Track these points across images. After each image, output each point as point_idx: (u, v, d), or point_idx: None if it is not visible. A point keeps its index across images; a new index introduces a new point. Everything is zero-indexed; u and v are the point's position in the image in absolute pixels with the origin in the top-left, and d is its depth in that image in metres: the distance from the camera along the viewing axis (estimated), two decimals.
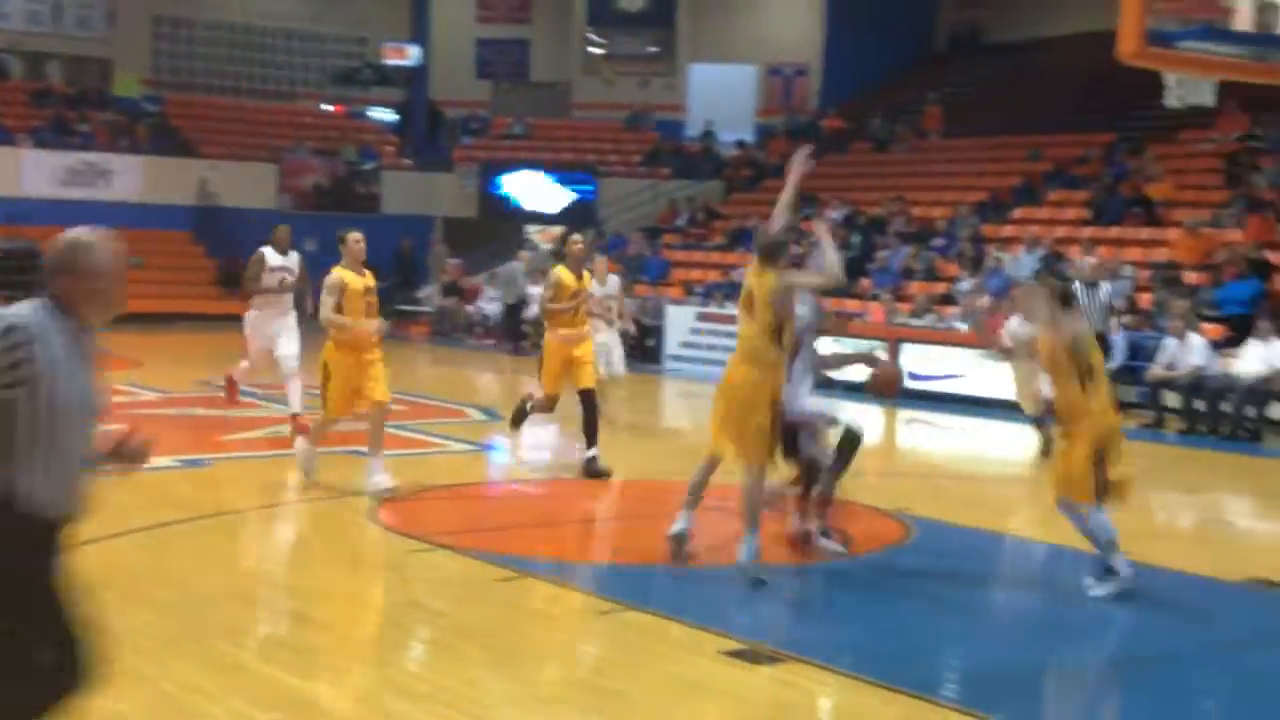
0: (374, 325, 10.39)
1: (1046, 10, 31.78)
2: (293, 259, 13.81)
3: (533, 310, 24.92)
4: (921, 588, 7.96)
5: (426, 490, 10.79)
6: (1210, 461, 13.96)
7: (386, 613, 7.44)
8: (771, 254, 7.92)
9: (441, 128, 35.14)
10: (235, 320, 14.32)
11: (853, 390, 11.35)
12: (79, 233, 4.04)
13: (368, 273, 10.72)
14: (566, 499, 11.32)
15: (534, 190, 31.66)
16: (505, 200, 31.84)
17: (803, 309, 8.25)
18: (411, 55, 35.18)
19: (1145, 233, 21.01)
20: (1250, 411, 15.33)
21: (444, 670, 6.46)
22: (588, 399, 11.82)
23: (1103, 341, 13.77)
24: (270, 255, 13.68)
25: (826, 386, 8.89)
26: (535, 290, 24.98)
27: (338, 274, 10.48)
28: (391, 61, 35.29)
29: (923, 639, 7.29)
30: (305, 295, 13.50)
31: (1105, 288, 15.50)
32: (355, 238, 10.79)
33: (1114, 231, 21.28)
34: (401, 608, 7.60)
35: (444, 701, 5.96)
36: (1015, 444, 14.40)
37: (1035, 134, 26.35)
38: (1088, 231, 21.32)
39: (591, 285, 13.31)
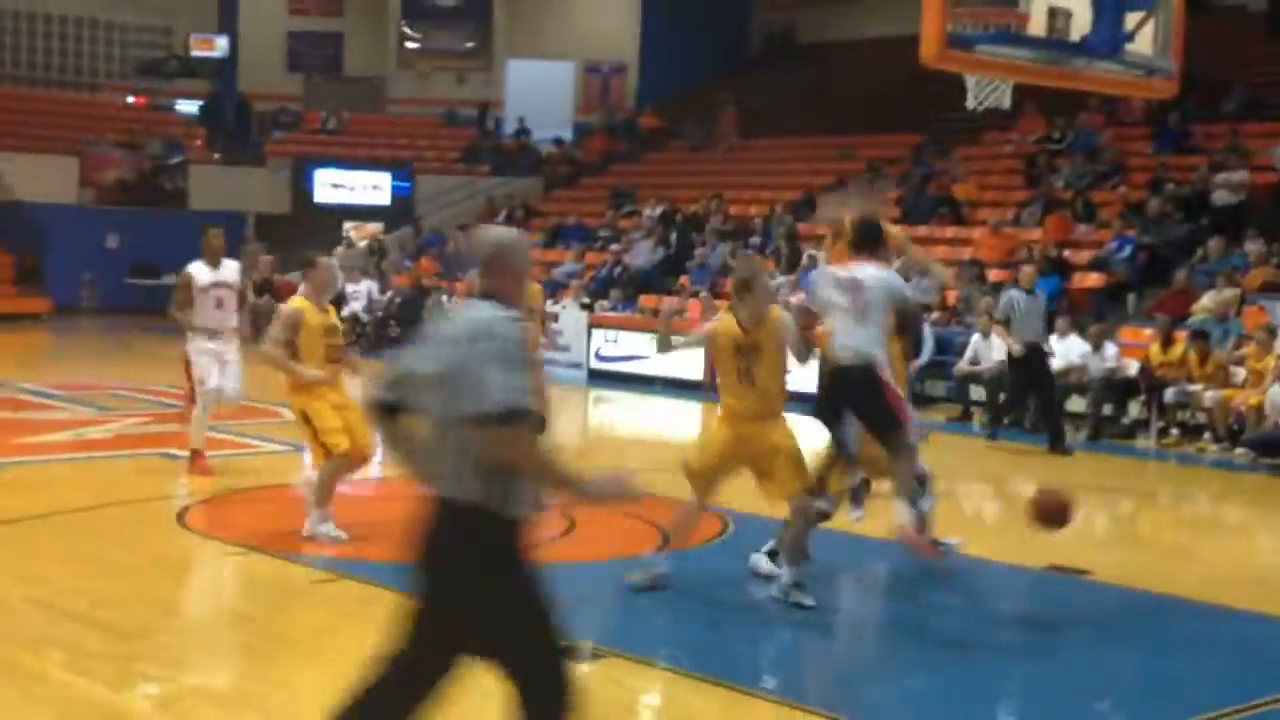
0: (324, 375, 8.78)
1: (857, 13, 32.53)
2: (229, 269, 11.65)
3: (351, 308, 24.57)
4: (738, 581, 8.05)
5: (239, 492, 10.53)
6: (1014, 454, 14.45)
7: (197, 619, 7.24)
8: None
9: (250, 121, 34.31)
10: (34, 319, 13.74)
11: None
12: (506, 231, 4.42)
13: (330, 308, 9.13)
14: (383, 499, 11.16)
15: (349, 186, 31.15)
16: (317, 195, 31.20)
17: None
18: (219, 47, 34.29)
19: (951, 231, 21.65)
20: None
21: (257, 676, 6.32)
22: None
23: (1037, 351, 14.25)
24: (199, 272, 11.51)
25: None
26: (353, 288, 24.64)
27: (298, 306, 8.84)
28: (198, 53, 34.35)
29: (740, 631, 7.39)
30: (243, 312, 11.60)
31: (1041, 294, 15.46)
32: (326, 263, 9.07)
33: (922, 230, 21.85)
34: (213, 613, 7.41)
35: (257, 708, 5.83)
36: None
37: (847, 134, 26.93)
38: (897, 229, 21.81)
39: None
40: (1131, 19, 8.37)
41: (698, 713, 5.97)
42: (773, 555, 7.97)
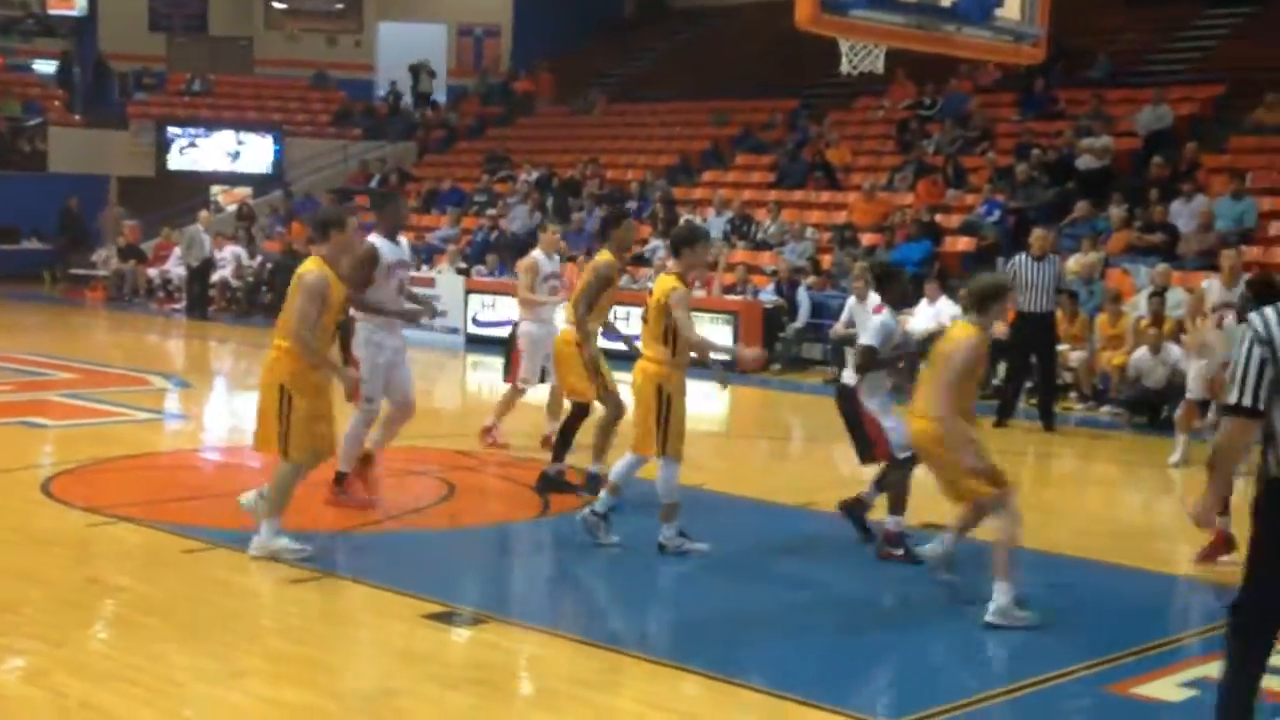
0: (356, 375, 7.98)
1: None
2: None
3: (221, 273, 24.08)
4: (618, 543, 8.07)
5: (106, 461, 10.27)
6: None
7: (63, 590, 7.03)
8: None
9: (111, 82, 33.31)
10: None
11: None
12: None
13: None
14: (256, 467, 10.97)
15: (216, 149, 30.43)
16: (183, 158, 30.43)
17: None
18: (78, 5, 33.21)
19: (826, 196, 21.87)
20: (922, 366, 16.14)
21: (127, 647, 6.17)
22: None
23: (1046, 321, 13.85)
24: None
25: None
26: (220, 255, 24.14)
27: (324, 274, 7.53)
28: (56, 11, 33.23)
29: (616, 593, 7.41)
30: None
31: (1052, 260, 14.87)
32: (354, 223, 7.87)
33: (797, 195, 22.07)
34: (79, 584, 7.21)
35: (128, 679, 5.70)
36: (705, 401, 14.78)
37: (722, 99, 27.02)
38: (773, 194, 22.03)
39: (538, 257, 11.26)
40: None
41: (580, 675, 5.97)
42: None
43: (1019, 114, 22.61)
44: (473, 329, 19.96)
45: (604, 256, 9.43)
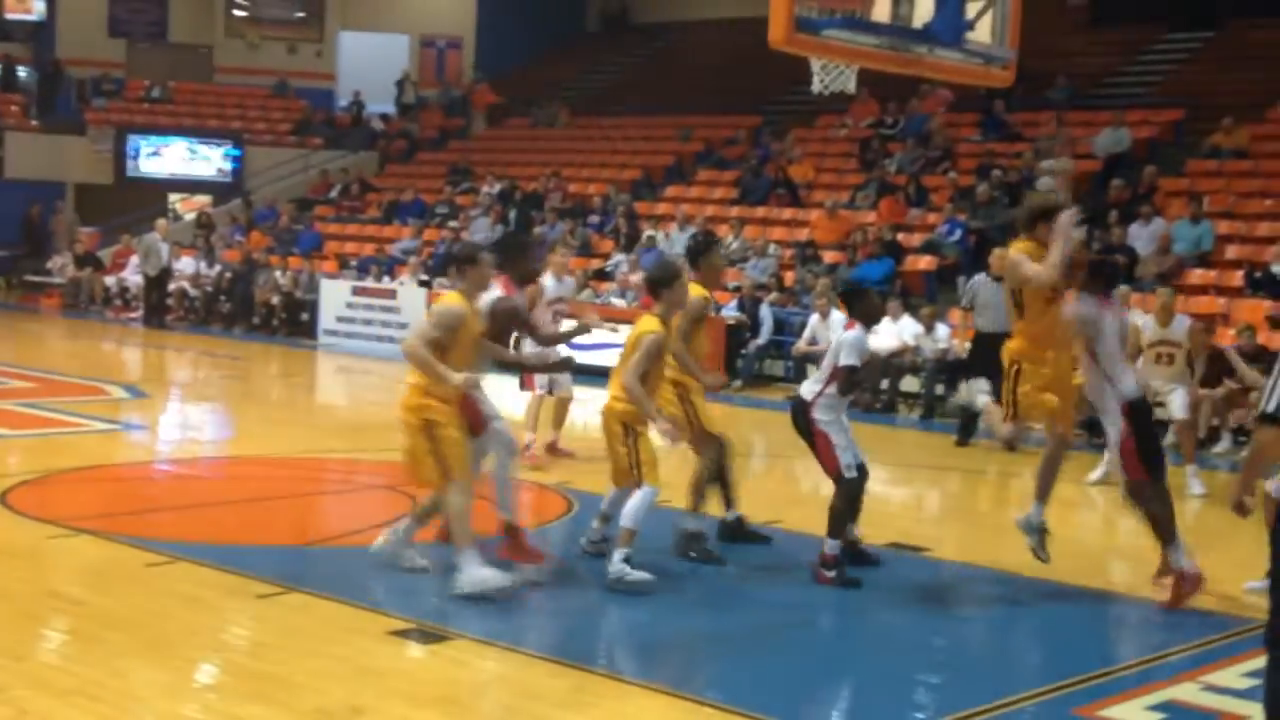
0: (471, 379, 7.39)
1: None
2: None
3: (179, 283, 23.89)
4: (584, 561, 8.03)
5: (64, 473, 10.15)
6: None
7: (21, 603, 6.93)
8: None
9: (68, 88, 32.99)
10: None
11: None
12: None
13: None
14: (218, 479, 10.89)
15: (175, 157, 30.18)
16: (142, 166, 30.16)
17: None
18: (35, 10, 32.90)
19: (788, 213, 21.93)
20: (885, 384, 16.24)
21: (88, 662, 6.08)
22: None
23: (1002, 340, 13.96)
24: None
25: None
26: (179, 267, 23.96)
27: (461, 309, 7.40)
28: (13, 16, 32.90)
29: (586, 612, 7.38)
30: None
31: None
32: (487, 260, 7.67)
33: (760, 211, 22.12)
34: (37, 597, 7.11)
35: (89, 695, 5.62)
36: None
37: (685, 114, 27.07)
38: (735, 210, 22.08)
39: (546, 282, 11.30)
40: (972, 8, 8.54)
41: (546, 693, 5.94)
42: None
43: (980, 135, 22.77)
44: None
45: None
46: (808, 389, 8.15)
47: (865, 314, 8.22)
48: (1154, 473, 7.80)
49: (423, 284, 21.14)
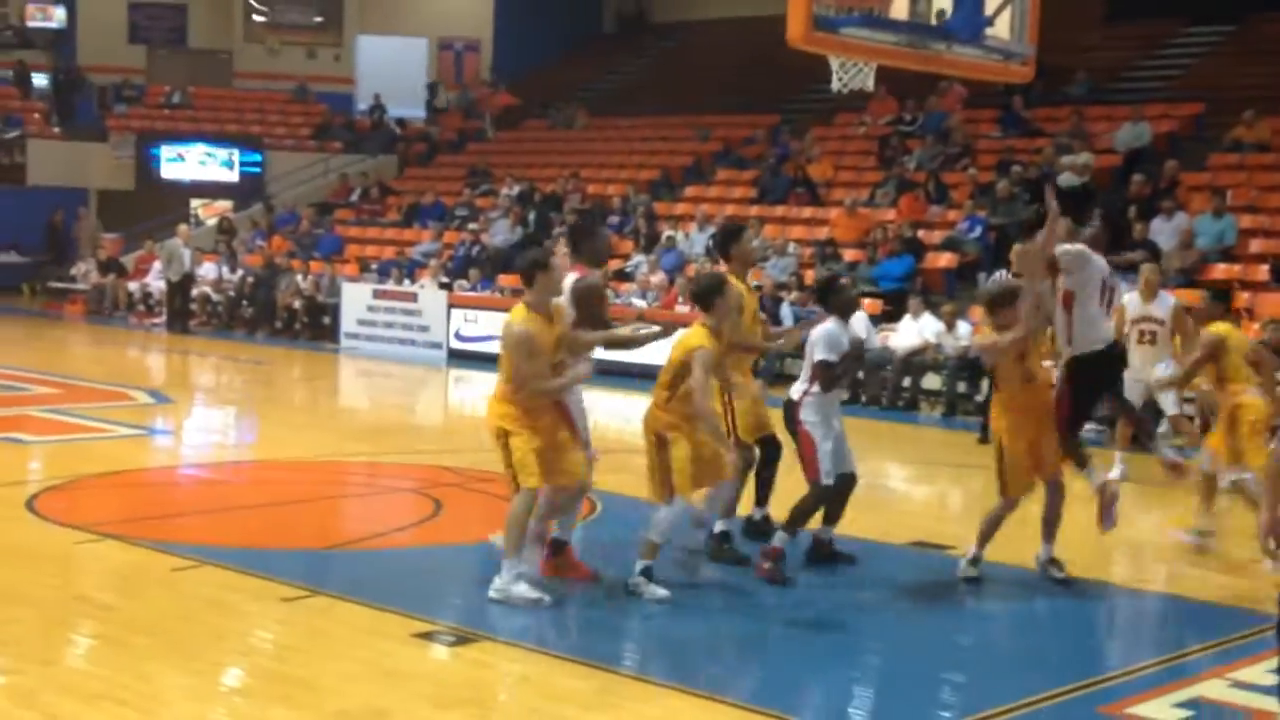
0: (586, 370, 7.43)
1: None
2: None
3: (201, 288, 23.99)
4: (608, 562, 8.04)
5: (90, 478, 10.20)
6: (872, 430, 14.67)
7: (48, 609, 6.97)
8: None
9: (89, 94, 33.18)
10: None
11: None
12: None
13: (559, 314, 7.53)
14: (242, 483, 10.93)
15: (196, 162, 30.32)
16: (163, 172, 30.31)
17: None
18: (56, 17, 33.10)
19: (808, 211, 21.90)
20: (906, 382, 16.21)
21: (115, 666, 6.12)
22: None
23: None
24: None
25: None
26: (201, 272, 24.05)
27: (527, 329, 7.27)
28: (35, 24, 33.10)
29: (611, 613, 7.38)
30: None
31: None
32: (558, 264, 7.64)
33: (779, 210, 22.10)
34: (66, 602, 7.15)
35: (116, 699, 5.66)
36: None
37: (703, 114, 27.06)
38: (755, 210, 22.06)
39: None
40: (990, 4, 8.52)
41: (571, 694, 5.95)
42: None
43: (999, 131, 22.70)
44: (455, 344, 19.92)
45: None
46: (796, 389, 8.06)
47: (839, 307, 8.10)
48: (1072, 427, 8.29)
49: (443, 286, 21.19)
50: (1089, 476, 8.23)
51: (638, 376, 13.01)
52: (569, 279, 7.85)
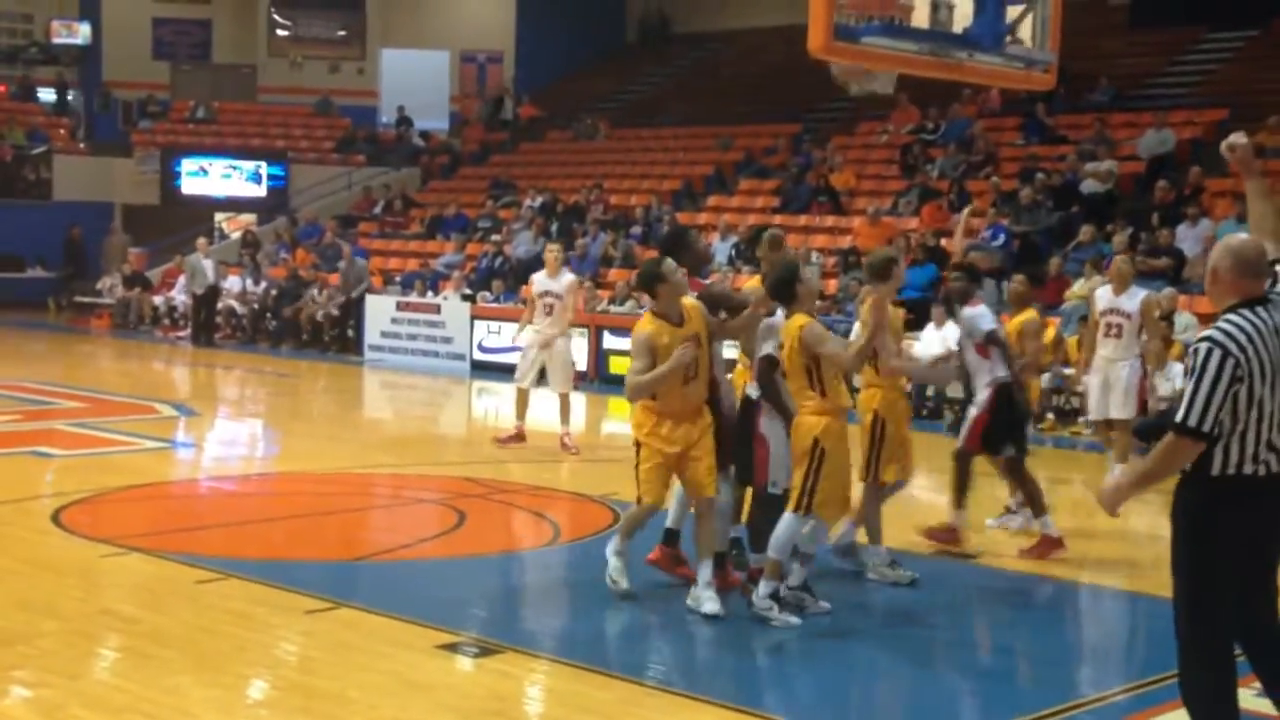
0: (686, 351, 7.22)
1: (729, 4, 32.70)
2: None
3: (226, 301, 24.10)
4: (631, 573, 8.02)
5: (115, 491, 10.25)
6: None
7: (74, 622, 7.00)
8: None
9: (114, 110, 33.41)
10: None
11: None
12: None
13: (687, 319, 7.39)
14: (267, 496, 10.97)
15: (220, 176, 30.48)
16: (187, 186, 30.49)
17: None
18: (81, 33, 33.35)
19: (831, 220, 21.88)
20: (930, 390, 16.15)
21: (141, 679, 6.14)
22: None
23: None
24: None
25: None
26: (225, 285, 24.14)
27: (648, 331, 7.31)
28: (60, 40, 33.36)
29: (633, 624, 7.37)
30: None
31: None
32: (675, 272, 7.53)
33: (802, 219, 22.08)
34: (91, 616, 7.18)
35: (143, 712, 5.68)
36: None
37: (725, 124, 27.07)
38: (777, 219, 22.04)
39: (536, 277, 12.90)
40: (1012, 11, 8.47)
41: (595, 705, 5.94)
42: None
43: (1022, 138, 22.64)
44: (478, 355, 19.95)
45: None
46: (753, 389, 7.66)
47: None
48: (988, 448, 8.91)
49: (466, 298, 21.23)
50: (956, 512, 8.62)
51: None
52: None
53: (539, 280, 12.92)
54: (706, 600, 7.20)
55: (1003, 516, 9.80)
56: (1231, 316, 4.59)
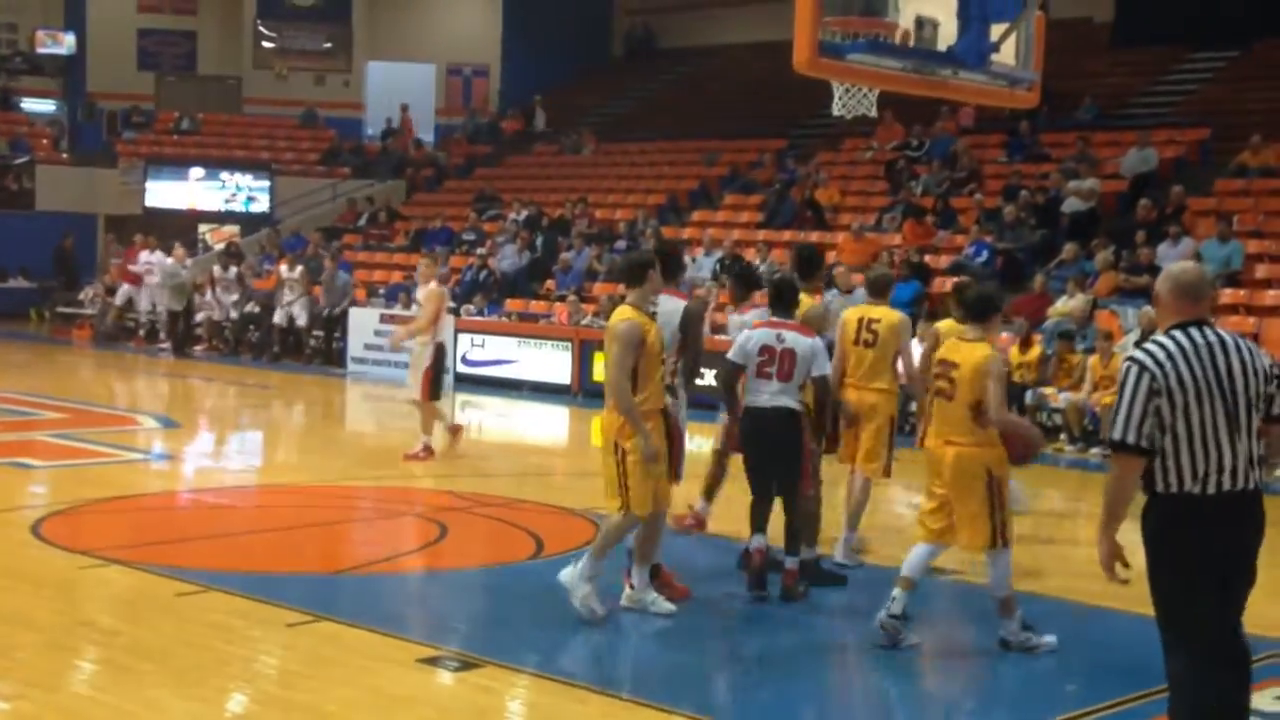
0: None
1: (715, 20, 32.81)
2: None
3: (208, 313, 24.03)
4: (610, 587, 8.01)
5: (96, 503, 10.20)
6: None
7: (53, 634, 6.96)
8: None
9: (99, 120, 33.34)
10: None
11: None
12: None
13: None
14: (248, 508, 10.93)
15: (204, 188, 30.41)
16: (170, 197, 30.41)
17: None
18: (67, 44, 33.30)
19: (815, 236, 21.89)
20: (914, 406, 16.15)
21: (120, 692, 6.11)
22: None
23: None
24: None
25: None
26: (203, 297, 24.08)
27: (636, 320, 7.30)
28: (45, 50, 33.30)
29: (614, 638, 7.36)
30: None
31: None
32: (650, 261, 7.58)
33: (786, 234, 22.11)
34: (69, 628, 7.14)
35: None
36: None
37: (710, 139, 27.13)
38: (762, 234, 22.09)
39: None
40: (996, 30, 8.53)
41: (573, 719, 5.93)
42: None
43: (1006, 156, 22.74)
44: (462, 368, 19.92)
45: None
46: (796, 402, 7.93)
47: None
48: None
49: (450, 310, 21.18)
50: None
51: None
52: (663, 300, 7.74)
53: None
54: (657, 603, 7.37)
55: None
56: (1159, 337, 4.87)
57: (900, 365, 9.01)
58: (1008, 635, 7.05)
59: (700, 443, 9.73)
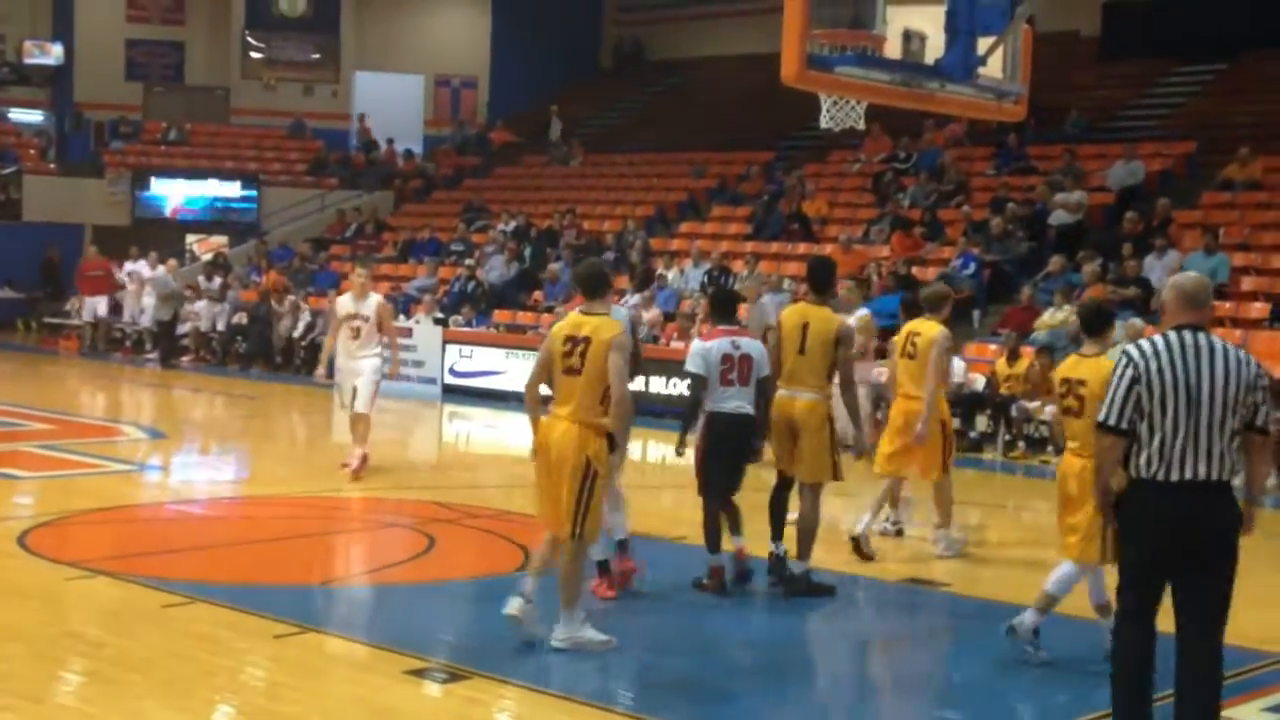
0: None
1: (704, 32, 32.86)
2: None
3: (195, 323, 23.99)
4: (594, 598, 8.01)
5: (82, 514, 10.17)
6: (863, 468, 14.66)
7: (39, 645, 6.94)
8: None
9: (86, 130, 33.28)
10: None
11: None
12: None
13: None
14: (235, 520, 10.90)
15: (191, 198, 30.37)
16: (159, 208, 30.39)
17: None
18: (54, 54, 33.24)
19: (803, 248, 21.93)
20: None
21: (106, 703, 6.09)
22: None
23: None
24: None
25: None
26: (191, 308, 24.04)
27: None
28: (32, 60, 33.24)
29: (603, 649, 7.35)
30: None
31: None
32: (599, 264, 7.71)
33: (774, 246, 22.14)
34: (55, 639, 7.12)
35: None
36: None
37: (699, 151, 27.17)
38: (749, 246, 22.12)
39: (341, 301, 12.38)
40: (983, 43, 8.57)
41: None
42: None
43: (993, 168, 22.80)
44: (450, 379, 19.91)
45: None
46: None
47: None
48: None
49: (438, 322, 21.19)
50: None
51: None
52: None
53: (344, 303, 12.30)
54: (594, 638, 7.09)
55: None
56: (1153, 335, 5.44)
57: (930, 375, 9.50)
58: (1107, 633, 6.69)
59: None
